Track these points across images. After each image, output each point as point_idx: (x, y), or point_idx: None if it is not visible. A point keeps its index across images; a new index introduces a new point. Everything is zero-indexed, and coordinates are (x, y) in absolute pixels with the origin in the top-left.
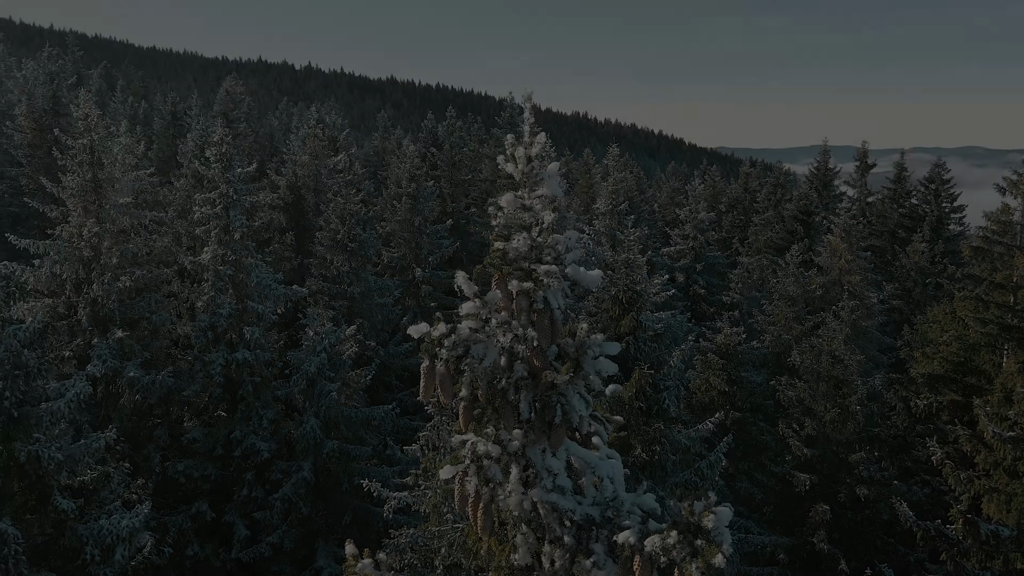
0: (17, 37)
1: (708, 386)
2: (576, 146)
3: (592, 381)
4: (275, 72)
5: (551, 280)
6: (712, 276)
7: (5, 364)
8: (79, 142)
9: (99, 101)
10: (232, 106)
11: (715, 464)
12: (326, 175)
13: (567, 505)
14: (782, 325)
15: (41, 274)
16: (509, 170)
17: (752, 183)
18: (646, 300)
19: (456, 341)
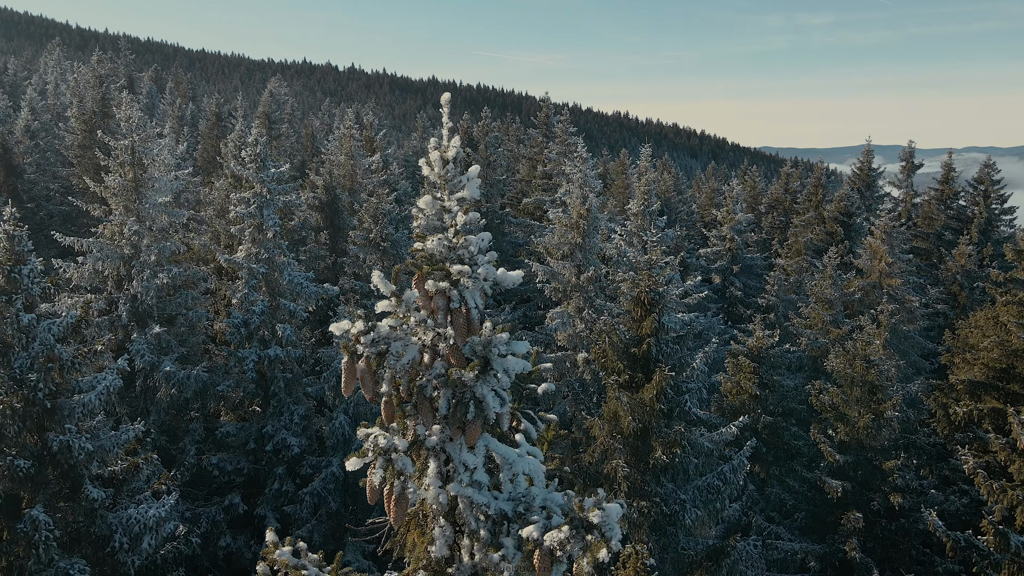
0: (74, 42)
1: (739, 389)
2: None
3: (502, 379)
4: (319, 73)
5: (466, 280)
6: (749, 278)
7: (39, 357)
8: (121, 143)
9: (148, 103)
10: (275, 107)
11: (738, 468)
12: (361, 175)
13: (481, 500)
14: (818, 328)
15: (84, 270)
16: (425, 172)
17: (793, 183)
18: (668, 301)
19: (375, 338)
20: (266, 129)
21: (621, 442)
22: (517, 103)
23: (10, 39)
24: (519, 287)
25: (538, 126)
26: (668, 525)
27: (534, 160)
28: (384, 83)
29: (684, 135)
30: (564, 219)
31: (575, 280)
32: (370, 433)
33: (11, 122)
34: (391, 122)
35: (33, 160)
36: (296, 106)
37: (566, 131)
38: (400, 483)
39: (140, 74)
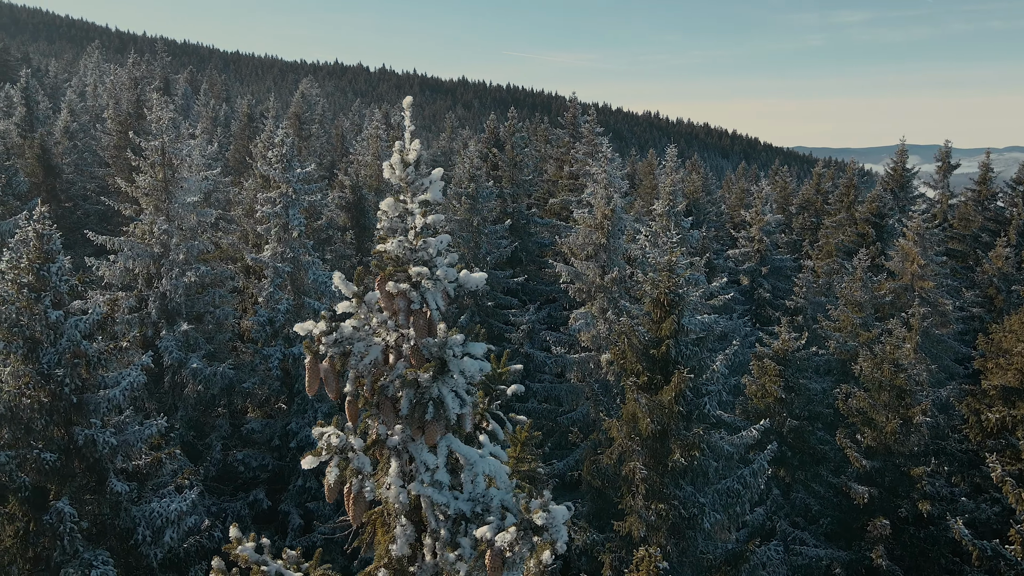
0: (113, 44)
1: (764, 392)
2: (647, 146)
3: (458, 380)
4: (350, 74)
5: (427, 282)
6: (778, 280)
7: (66, 353)
8: (151, 144)
9: (183, 104)
10: (306, 108)
11: (759, 472)
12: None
13: (441, 500)
14: (848, 332)
15: (116, 268)
16: (387, 175)
17: (824, 184)
18: (688, 303)
19: (337, 339)
20: (296, 129)
21: (640, 444)
22: (547, 103)
23: (52, 42)
24: (546, 287)
25: (565, 126)
26: (687, 528)
27: (561, 160)
28: (414, 83)
29: (715, 135)
30: (588, 219)
31: (599, 281)
32: (324, 432)
33: (51, 123)
34: (421, 122)
35: (71, 160)
36: (327, 107)
37: (593, 131)
38: (358, 482)
39: (176, 76)
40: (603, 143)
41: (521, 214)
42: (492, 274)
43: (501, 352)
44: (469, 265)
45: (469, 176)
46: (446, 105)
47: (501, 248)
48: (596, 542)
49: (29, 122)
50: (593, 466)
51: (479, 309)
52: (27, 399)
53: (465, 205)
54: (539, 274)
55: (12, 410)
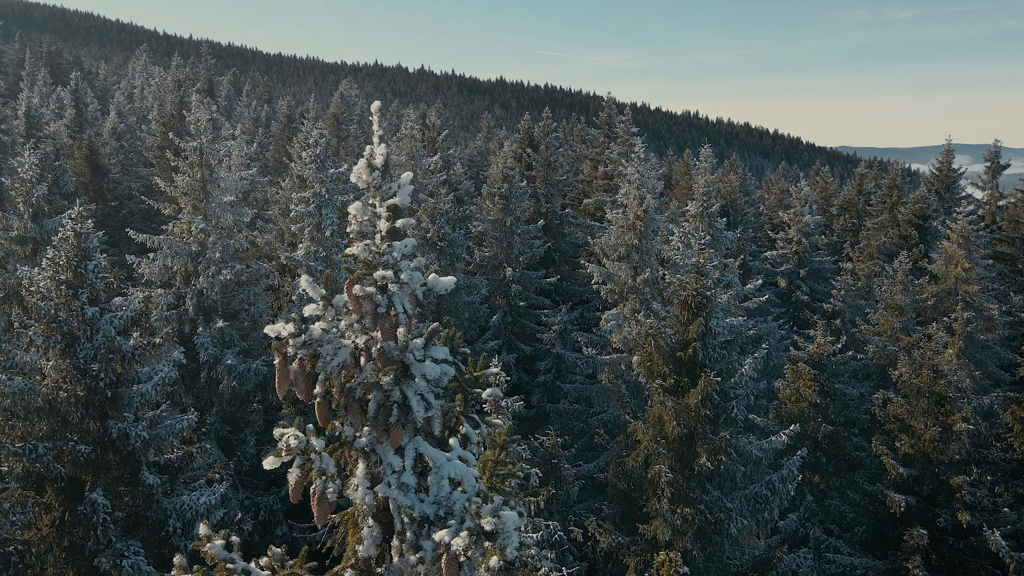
0: (161, 47)
1: (798, 396)
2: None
3: (420, 384)
4: (389, 75)
5: (392, 285)
6: (817, 282)
7: (101, 349)
8: (190, 145)
9: (227, 105)
10: (344, 109)
11: (788, 478)
12: (422, 175)
13: (406, 502)
14: (888, 336)
15: (155, 266)
16: (353, 179)
17: (867, 184)
18: (716, 305)
19: (305, 341)
20: (334, 130)
21: (665, 447)
22: (585, 103)
23: (103, 45)
24: (579, 287)
25: (600, 126)
26: (713, 533)
27: (596, 160)
28: (452, 84)
29: (756, 135)
30: (621, 220)
31: (631, 282)
32: (285, 433)
33: (99, 125)
34: (459, 122)
35: (118, 161)
36: (365, 107)
37: (627, 131)
38: (322, 483)
39: (220, 78)
40: (637, 143)
41: (555, 214)
42: (524, 274)
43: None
44: (502, 266)
45: (502, 176)
46: (483, 105)
47: (534, 248)
48: (621, 545)
49: (78, 123)
50: (619, 468)
51: (511, 309)
52: (64, 392)
53: (498, 205)
54: (573, 274)
55: (50, 403)
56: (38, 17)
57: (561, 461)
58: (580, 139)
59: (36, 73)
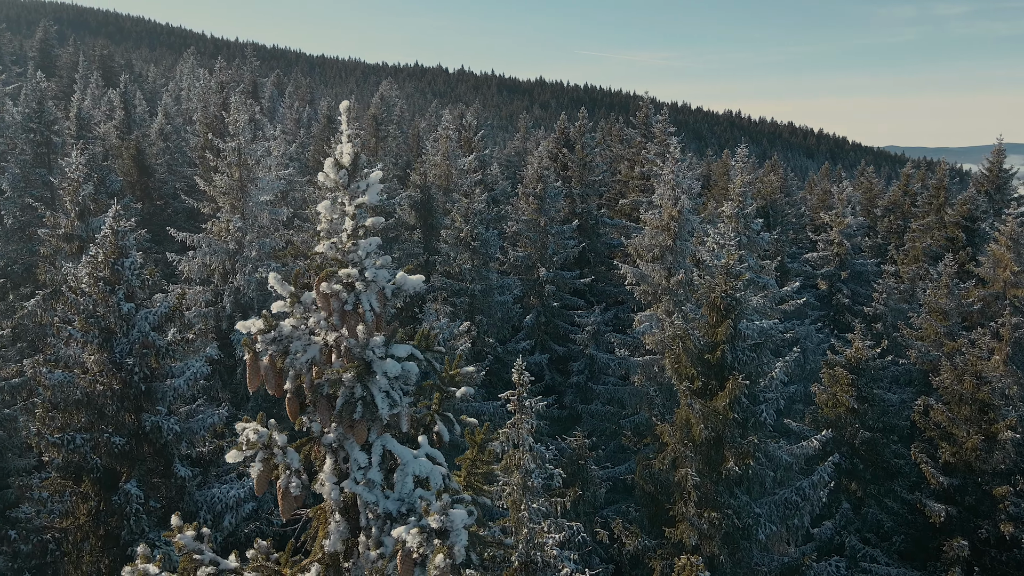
0: (208, 50)
1: (835, 401)
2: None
3: (380, 381)
4: (430, 76)
5: (359, 283)
6: (859, 285)
7: (136, 344)
8: (228, 145)
9: (270, 106)
10: (384, 109)
11: (819, 484)
12: (457, 175)
13: (370, 498)
14: (931, 341)
15: (194, 264)
16: (320, 179)
17: (913, 185)
18: (745, 307)
19: (275, 337)
20: (373, 130)
21: (693, 450)
22: (624, 103)
23: (153, 48)
24: (614, 288)
25: (636, 126)
26: (741, 539)
27: (633, 161)
28: (492, 84)
29: (800, 134)
30: (655, 220)
31: (665, 283)
32: (245, 427)
33: (147, 126)
34: (498, 123)
35: (164, 161)
36: (405, 108)
37: (664, 131)
38: (286, 477)
39: (264, 79)
40: (673, 143)
41: (590, 214)
42: (558, 274)
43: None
44: (536, 266)
45: (537, 176)
46: (523, 105)
47: (568, 248)
48: (647, 548)
49: (127, 125)
50: (645, 471)
51: (545, 309)
52: (101, 386)
53: (532, 205)
54: (608, 275)
55: (88, 396)
56: (92, 21)
57: (588, 462)
58: (618, 139)
59: (89, 76)
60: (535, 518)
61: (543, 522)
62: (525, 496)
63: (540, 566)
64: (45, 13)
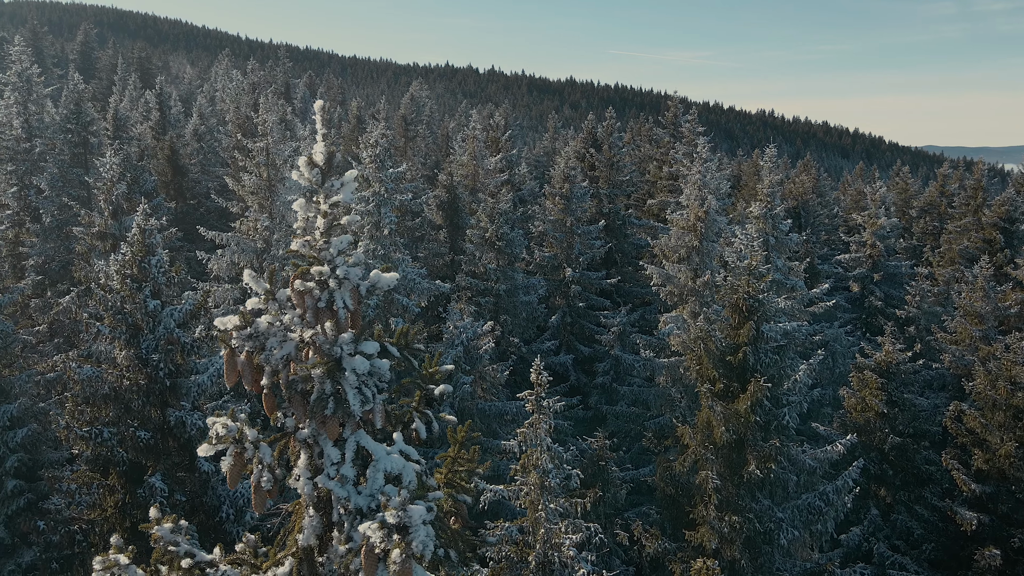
0: (242, 52)
1: (864, 406)
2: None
3: (349, 378)
4: (460, 76)
5: (331, 281)
6: (892, 287)
7: (162, 340)
8: (257, 145)
9: (302, 107)
10: (414, 110)
11: (843, 490)
12: (483, 175)
13: (341, 493)
14: (965, 345)
15: (223, 262)
16: (295, 177)
17: (950, 185)
18: (769, 309)
19: (250, 333)
20: (402, 131)
21: (714, 453)
22: (655, 102)
23: (189, 51)
24: (641, 289)
25: (665, 126)
26: (763, 543)
27: (661, 160)
28: (522, 84)
29: (835, 134)
30: (681, 221)
31: (691, 284)
32: (216, 421)
33: (181, 126)
34: (528, 123)
35: (197, 161)
36: (435, 108)
37: (693, 130)
38: (258, 472)
39: (296, 80)
40: (700, 143)
41: (617, 215)
42: (584, 275)
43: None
44: (562, 267)
45: (563, 176)
46: (553, 105)
47: (594, 249)
48: (668, 551)
49: (162, 125)
50: (666, 473)
51: (570, 310)
52: (127, 381)
53: (559, 205)
54: (635, 276)
55: (115, 391)
56: (131, 24)
57: (609, 463)
58: (647, 139)
59: (127, 78)
60: (552, 518)
61: (560, 522)
62: (543, 496)
63: (557, 566)
64: (86, 16)
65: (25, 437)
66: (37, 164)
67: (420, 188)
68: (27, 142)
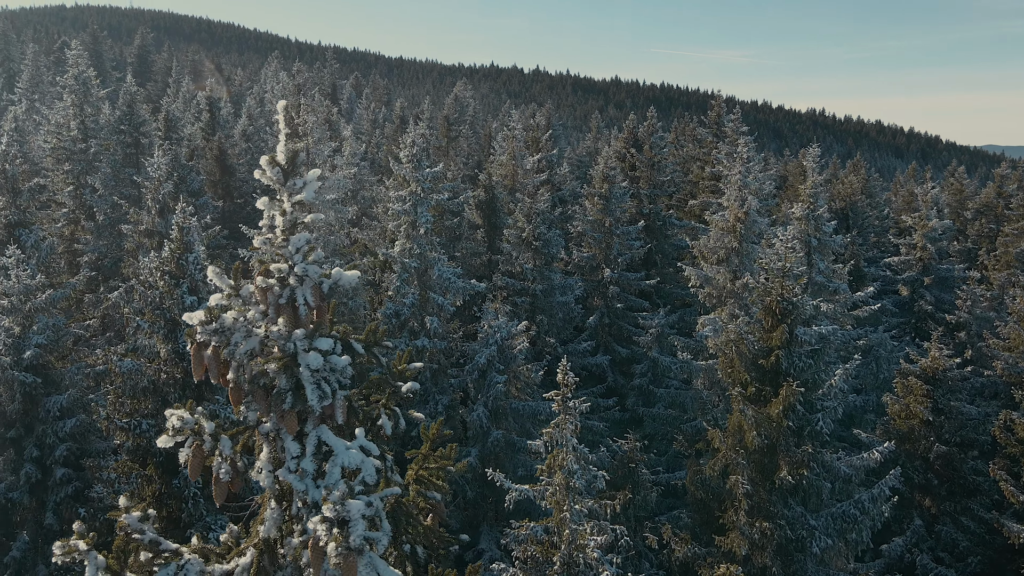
0: (292, 54)
1: (908, 413)
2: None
3: (303, 373)
4: (505, 76)
5: (292, 278)
6: (944, 291)
7: None
8: (297, 145)
9: (348, 107)
10: (457, 110)
11: (879, 498)
12: (522, 175)
13: (300, 487)
14: (1019, 352)
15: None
16: (256, 175)
17: (1008, 186)
18: (803, 312)
19: (215, 328)
20: (445, 131)
21: (745, 457)
22: (701, 102)
23: (241, 53)
24: (681, 291)
25: (708, 125)
26: (795, 551)
27: (703, 161)
28: (567, 84)
29: (889, 133)
30: (720, 222)
31: (730, 286)
32: (172, 413)
33: (230, 127)
34: (572, 123)
35: (245, 161)
36: (479, 108)
37: (736, 130)
38: (218, 464)
39: (343, 81)
40: (742, 143)
41: (657, 215)
42: (623, 275)
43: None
44: (600, 267)
45: (603, 176)
46: (597, 105)
47: (633, 249)
48: (697, 555)
49: (212, 126)
50: (696, 476)
51: (608, 311)
52: (165, 374)
53: (597, 206)
54: (675, 277)
55: (154, 384)
56: (186, 28)
57: (639, 465)
58: (691, 139)
59: (180, 80)
60: (577, 519)
61: (586, 524)
62: (568, 496)
63: (582, 567)
64: (144, 21)
65: (74, 427)
66: (92, 164)
67: (460, 188)
68: (83, 143)
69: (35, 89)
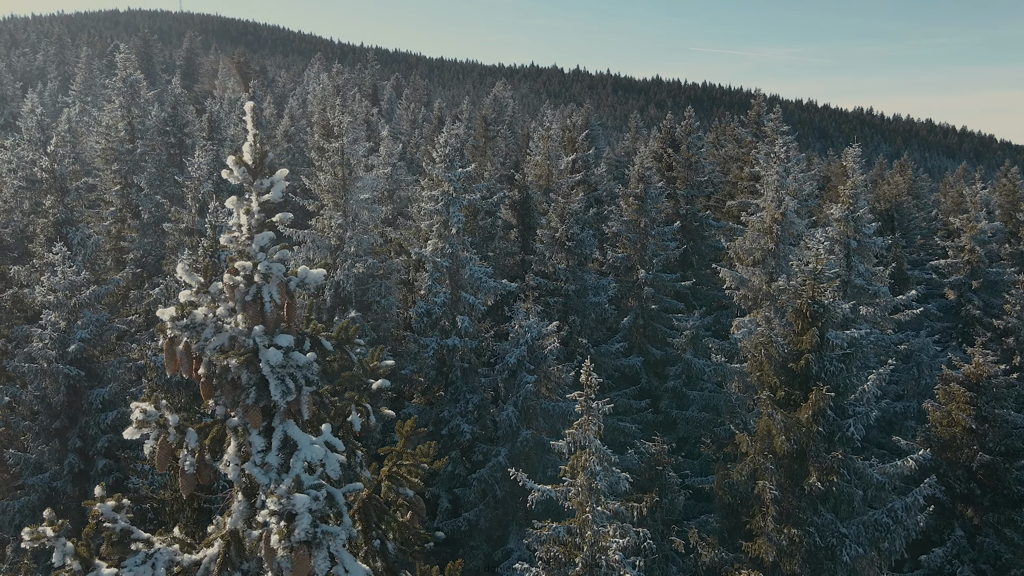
0: (334, 55)
1: (950, 420)
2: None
3: (263, 368)
4: (544, 76)
5: (257, 276)
6: (992, 295)
7: None
8: (332, 145)
9: (388, 108)
10: (496, 110)
11: (913, 507)
12: (557, 175)
13: (264, 480)
14: None
15: (299, 259)
16: (224, 175)
17: None
18: (834, 315)
19: (186, 324)
20: (483, 131)
21: (773, 462)
22: (743, 101)
23: (286, 55)
24: (717, 292)
25: (747, 125)
26: (825, 559)
27: (743, 161)
28: (607, 84)
29: (939, 132)
30: (756, 223)
31: (765, 288)
32: (137, 406)
33: (272, 127)
34: (612, 123)
35: (286, 161)
36: (518, 108)
37: (776, 130)
38: (183, 456)
39: (384, 82)
40: (780, 142)
41: (694, 216)
42: (658, 276)
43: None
44: (635, 268)
45: (638, 176)
46: (637, 104)
47: (668, 250)
48: (724, 561)
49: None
50: (724, 481)
51: (642, 312)
52: None
53: (633, 206)
54: (712, 279)
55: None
56: (233, 31)
57: (667, 468)
58: (731, 138)
59: (226, 81)
60: (599, 520)
61: (608, 526)
62: (590, 498)
63: (604, 569)
64: (192, 25)
65: (115, 419)
66: (139, 164)
67: (497, 188)
68: (130, 143)
69: (88, 91)
